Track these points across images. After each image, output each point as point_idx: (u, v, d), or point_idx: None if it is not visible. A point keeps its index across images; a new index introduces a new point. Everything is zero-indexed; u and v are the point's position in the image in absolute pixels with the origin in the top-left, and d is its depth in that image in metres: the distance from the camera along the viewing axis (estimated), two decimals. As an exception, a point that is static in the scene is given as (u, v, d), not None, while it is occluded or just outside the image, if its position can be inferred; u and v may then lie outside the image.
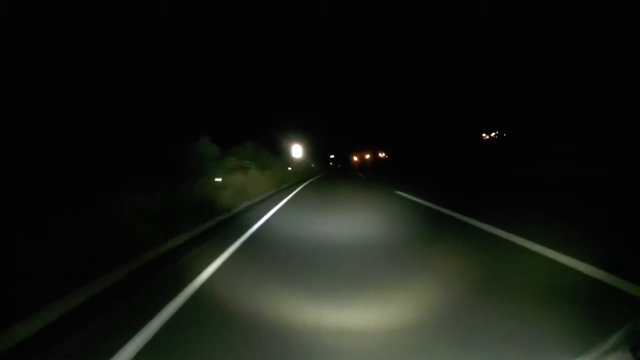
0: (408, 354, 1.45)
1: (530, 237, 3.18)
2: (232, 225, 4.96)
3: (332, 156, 45.17)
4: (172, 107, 10.25)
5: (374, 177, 19.37)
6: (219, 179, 8.02)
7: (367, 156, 65.30)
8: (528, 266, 2.52)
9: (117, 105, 6.84)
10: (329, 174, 31.16)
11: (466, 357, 1.41)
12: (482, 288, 2.10)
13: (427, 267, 2.61)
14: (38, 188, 3.98)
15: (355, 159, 62.35)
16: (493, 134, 28.96)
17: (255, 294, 2.17)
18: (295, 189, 12.11)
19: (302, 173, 23.19)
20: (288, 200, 8.07)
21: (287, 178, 15.99)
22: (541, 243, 2.98)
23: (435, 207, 5.67)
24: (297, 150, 25.49)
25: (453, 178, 13.86)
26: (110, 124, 6.24)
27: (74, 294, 2.25)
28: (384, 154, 70.45)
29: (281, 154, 21.08)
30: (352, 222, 4.87)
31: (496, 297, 1.94)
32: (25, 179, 3.96)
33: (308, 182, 17.57)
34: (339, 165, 48.01)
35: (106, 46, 6.81)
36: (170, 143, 7.97)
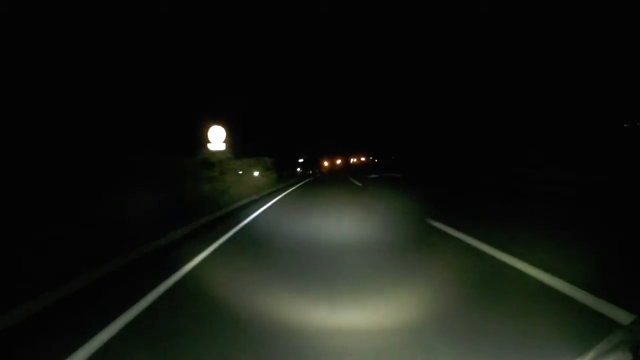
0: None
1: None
2: None
3: (300, 160, 44.10)
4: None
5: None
6: None
7: (339, 161, 66.32)
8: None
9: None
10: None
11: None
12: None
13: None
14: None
15: (326, 164, 62.87)
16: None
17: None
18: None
19: None
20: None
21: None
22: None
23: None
24: (217, 137, 10.77)
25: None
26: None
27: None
28: (364, 158, 72.67)
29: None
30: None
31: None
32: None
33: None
34: (310, 172, 44.69)
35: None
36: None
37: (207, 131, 11.05)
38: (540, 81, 17.44)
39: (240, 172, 14.55)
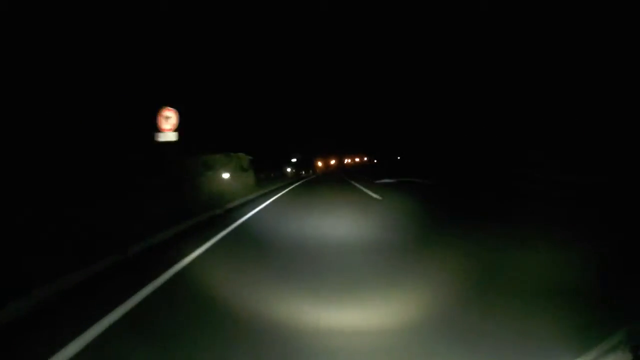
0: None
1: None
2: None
3: (294, 160, 43.51)
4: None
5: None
6: None
7: (333, 162, 66.65)
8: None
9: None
10: None
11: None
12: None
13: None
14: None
15: (320, 164, 63.03)
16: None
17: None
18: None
19: None
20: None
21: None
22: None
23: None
24: (168, 123, 7.32)
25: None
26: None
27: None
28: (358, 159, 73.34)
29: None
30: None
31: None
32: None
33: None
34: (302, 172, 42.95)
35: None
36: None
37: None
38: (540, 81, 17.46)
39: (210, 173, 11.31)
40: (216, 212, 7.15)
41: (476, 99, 24.46)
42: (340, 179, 21.12)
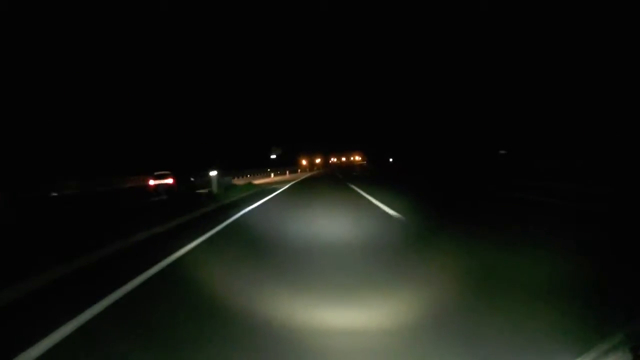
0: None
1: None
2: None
3: (273, 156, 42.40)
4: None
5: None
6: None
7: (318, 160, 66.74)
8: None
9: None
10: None
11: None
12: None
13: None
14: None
15: (304, 162, 62.97)
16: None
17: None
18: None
19: None
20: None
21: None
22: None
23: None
24: None
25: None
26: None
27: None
28: (359, 158, 74.20)
29: None
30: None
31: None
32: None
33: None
34: (271, 175, 33.57)
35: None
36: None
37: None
38: (540, 81, 17.64)
39: None
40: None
41: (472, 96, 24.56)
42: None
